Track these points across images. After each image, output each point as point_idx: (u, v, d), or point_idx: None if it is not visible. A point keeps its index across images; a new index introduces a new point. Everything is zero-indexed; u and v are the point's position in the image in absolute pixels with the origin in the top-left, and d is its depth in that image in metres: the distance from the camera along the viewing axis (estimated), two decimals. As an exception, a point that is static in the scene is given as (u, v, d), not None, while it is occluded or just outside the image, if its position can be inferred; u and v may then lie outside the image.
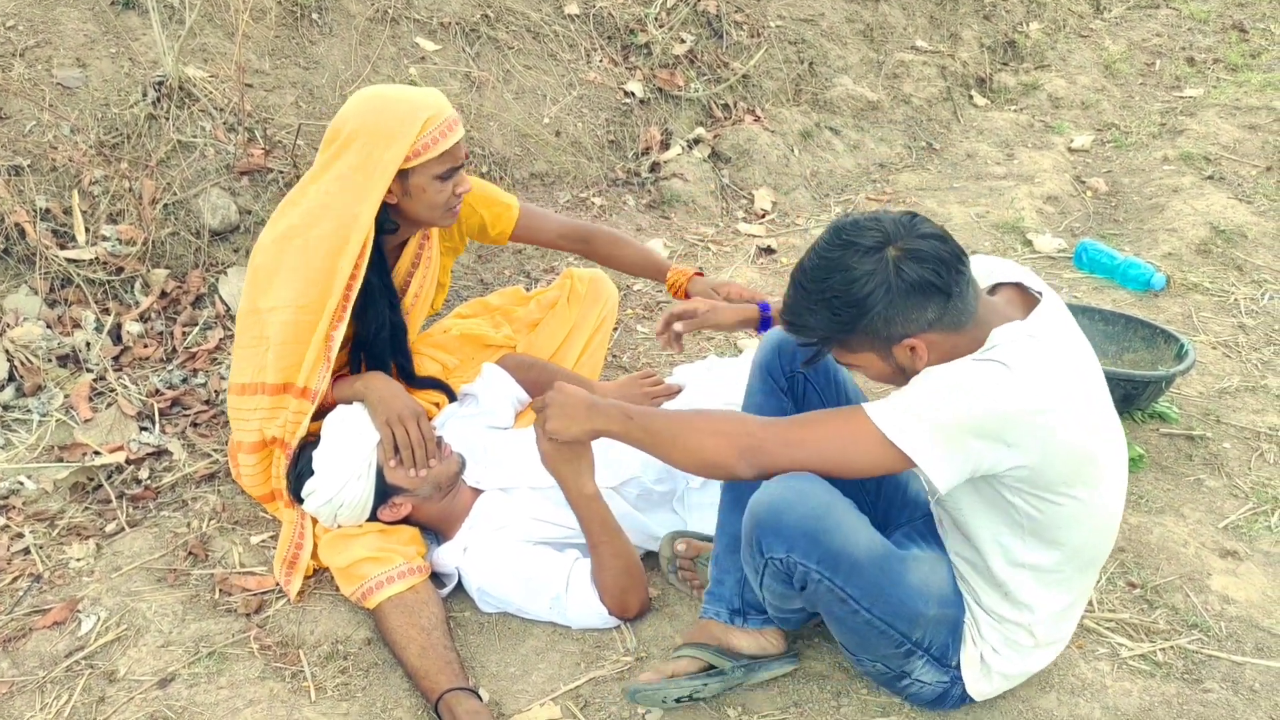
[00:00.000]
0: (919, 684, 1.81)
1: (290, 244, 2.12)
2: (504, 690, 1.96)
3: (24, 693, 1.86)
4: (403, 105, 2.08)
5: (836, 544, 1.65)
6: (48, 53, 3.04)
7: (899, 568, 1.71)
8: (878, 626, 1.71)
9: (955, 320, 1.58)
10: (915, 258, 1.54)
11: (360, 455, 2.08)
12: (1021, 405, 1.54)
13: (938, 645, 1.77)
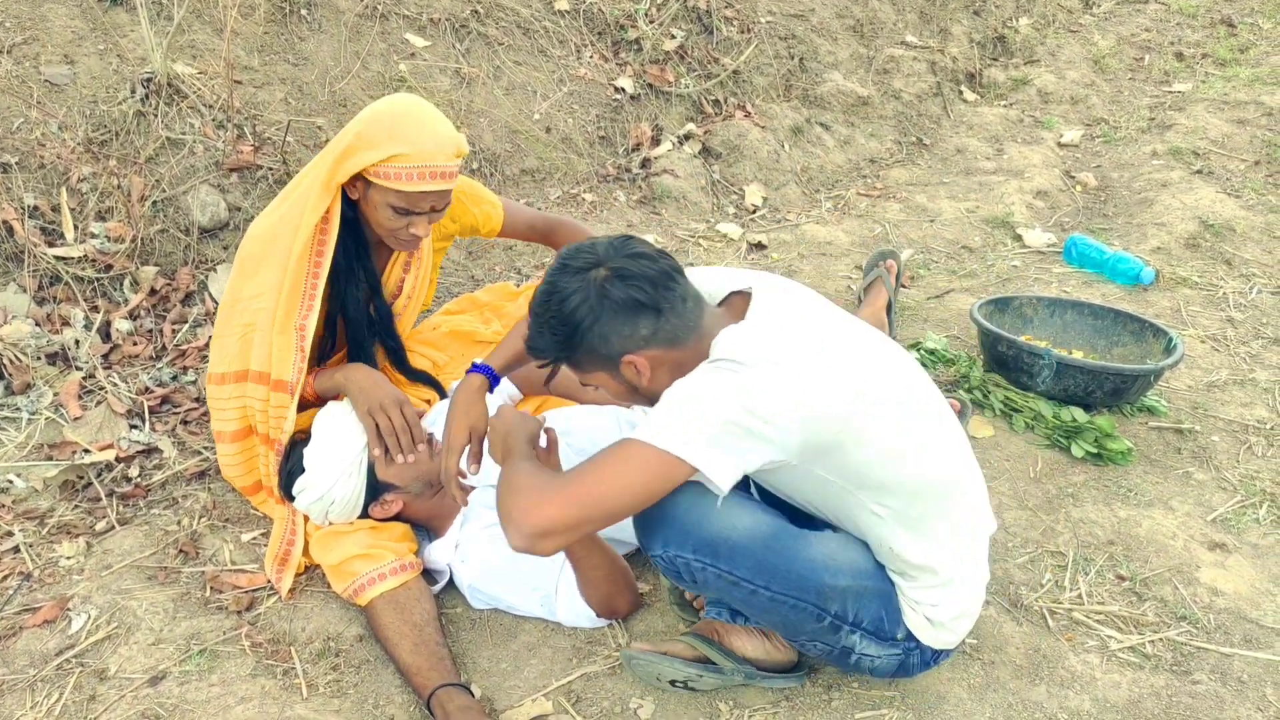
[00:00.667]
0: (869, 658, 1.80)
1: (280, 231, 2.12)
2: (496, 686, 1.96)
3: (14, 691, 1.85)
4: (402, 127, 2.04)
5: (710, 531, 1.67)
6: (35, 49, 3.03)
7: (793, 544, 1.71)
8: (786, 602, 1.71)
9: (672, 335, 1.64)
10: (621, 276, 1.61)
11: (351, 452, 2.08)
12: (764, 395, 1.55)
13: (870, 619, 1.75)
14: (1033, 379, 2.85)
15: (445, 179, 2.07)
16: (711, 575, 1.70)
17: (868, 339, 1.75)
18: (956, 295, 3.65)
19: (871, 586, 1.75)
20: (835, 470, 1.64)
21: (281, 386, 2.13)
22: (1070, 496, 2.55)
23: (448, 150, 2.05)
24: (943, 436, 1.74)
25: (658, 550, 1.72)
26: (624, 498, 1.59)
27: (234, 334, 2.15)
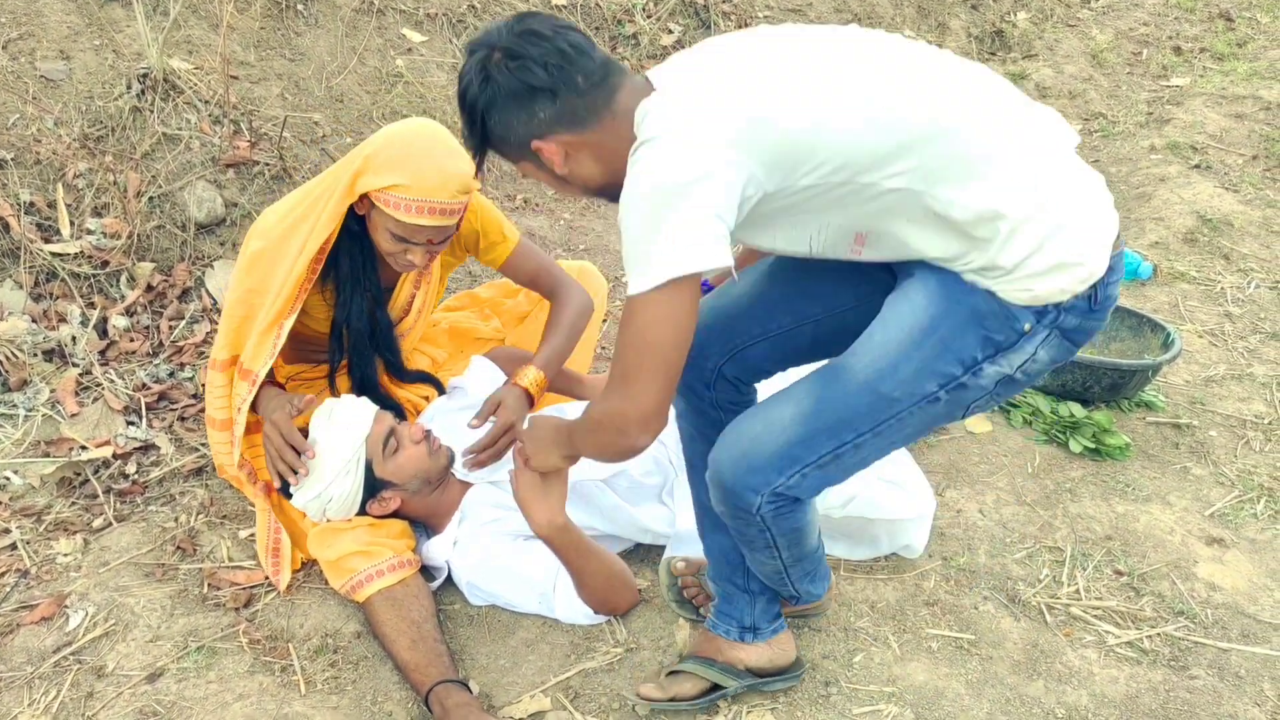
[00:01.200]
0: (1025, 368, 1.57)
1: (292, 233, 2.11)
2: (494, 682, 1.96)
3: (12, 689, 1.85)
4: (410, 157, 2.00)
5: (774, 447, 1.59)
6: (31, 45, 3.02)
7: (830, 389, 1.59)
8: (886, 430, 1.59)
9: (575, 117, 1.51)
10: (510, 56, 1.49)
11: (348, 450, 2.08)
12: (673, 158, 1.41)
13: (979, 344, 1.54)
14: (1030, 374, 2.85)
15: (445, 215, 2.03)
16: (813, 475, 1.60)
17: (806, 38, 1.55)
18: (954, 290, 3.64)
19: (947, 323, 1.54)
20: (815, 170, 1.45)
21: (246, 375, 2.12)
22: (1068, 492, 2.55)
23: (451, 187, 2.01)
24: (916, 89, 1.49)
25: (756, 500, 1.62)
26: (667, 341, 1.46)
27: (233, 325, 2.15)
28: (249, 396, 2.11)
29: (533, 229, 3.59)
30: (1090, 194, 1.54)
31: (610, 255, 3.63)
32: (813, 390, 1.61)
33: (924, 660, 2.03)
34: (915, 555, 2.29)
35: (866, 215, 1.51)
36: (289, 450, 2.07)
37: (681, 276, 1.41)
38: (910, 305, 1.57)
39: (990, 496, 2.51)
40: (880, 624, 2.11)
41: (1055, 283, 1.48)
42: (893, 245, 1.55)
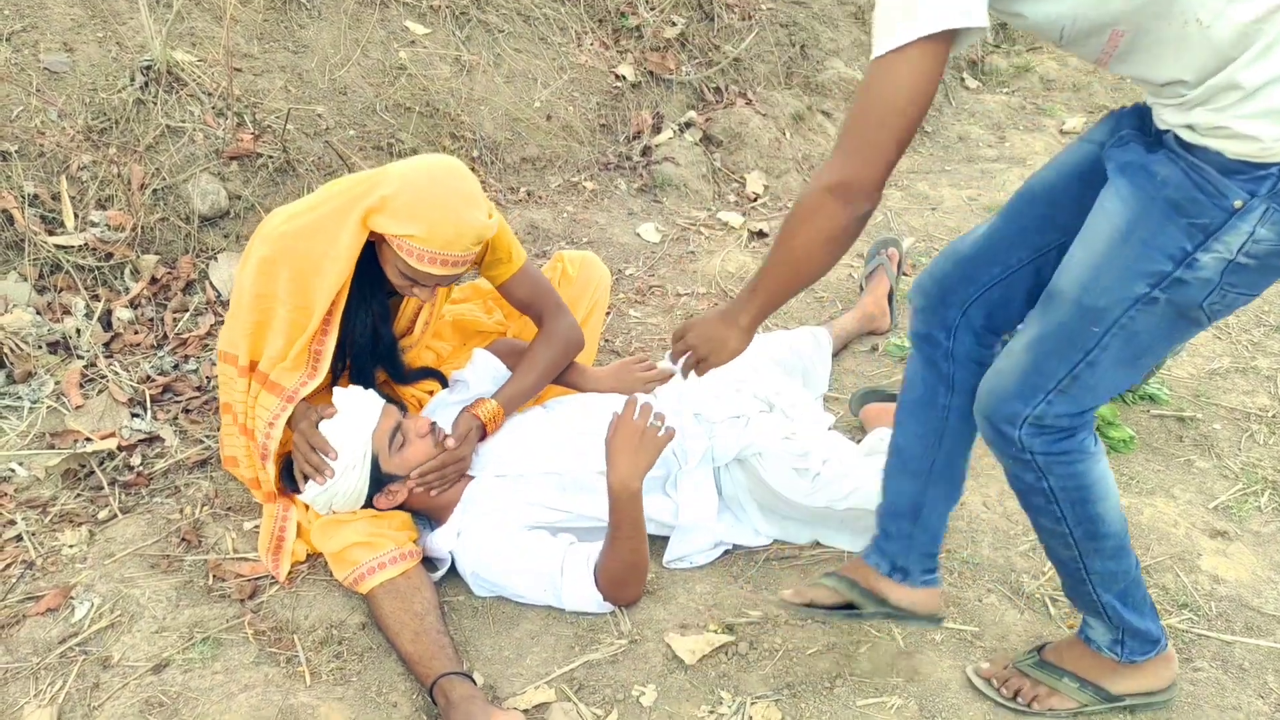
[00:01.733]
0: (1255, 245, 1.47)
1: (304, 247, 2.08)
2: (498, 674, 1.96)
3: (18, 679, 1.86)
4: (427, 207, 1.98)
5: (1013, 382, 1.61)
6: (34, 37, 3.02)
7: (1052, 313, 1.59)
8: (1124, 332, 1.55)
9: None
10: None
11: (356, 445, 2.08)
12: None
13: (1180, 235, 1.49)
14: (1034, 367, 2.85)
15: (455, 266, 2.03)
16: (1058, 401, 1.59)
17: None
18: (958, 283, 3.64)
19: (1144, 223, 1.51)
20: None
21: (277, 389, 2.12)
22: (1072, 484, 2.55)
23: (466, 240, 2.00)
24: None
25: (1017, 435, 1.62)
26: (902, 105, 1.44)
27: (244, 329, 2.13)
28: (282, 415, 2.10)
29: (535, 221, 3.59)
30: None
31: (613, 248, 3.63)
32: (1035, 318, 1.63)
33: (928, 652, 2.03)
34: (919, 548, 2.29)
35: (1131, 8, 1.42)
36: (314, 454, 2.08)
37: (932, 34, 1.37)
38: (1105, 215, 1.55)
39: (994, 489, 2.51)
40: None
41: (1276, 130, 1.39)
42: (1142, 58, 1.47)
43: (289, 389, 2.11)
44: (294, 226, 2.10)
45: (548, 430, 2.33)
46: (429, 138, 3.57)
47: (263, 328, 2.13)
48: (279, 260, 2.09)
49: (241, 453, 2.24)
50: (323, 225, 2.06)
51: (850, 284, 3.55)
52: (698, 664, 1.98)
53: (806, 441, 2.37)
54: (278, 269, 2.09)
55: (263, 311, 2.12)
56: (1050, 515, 1.72)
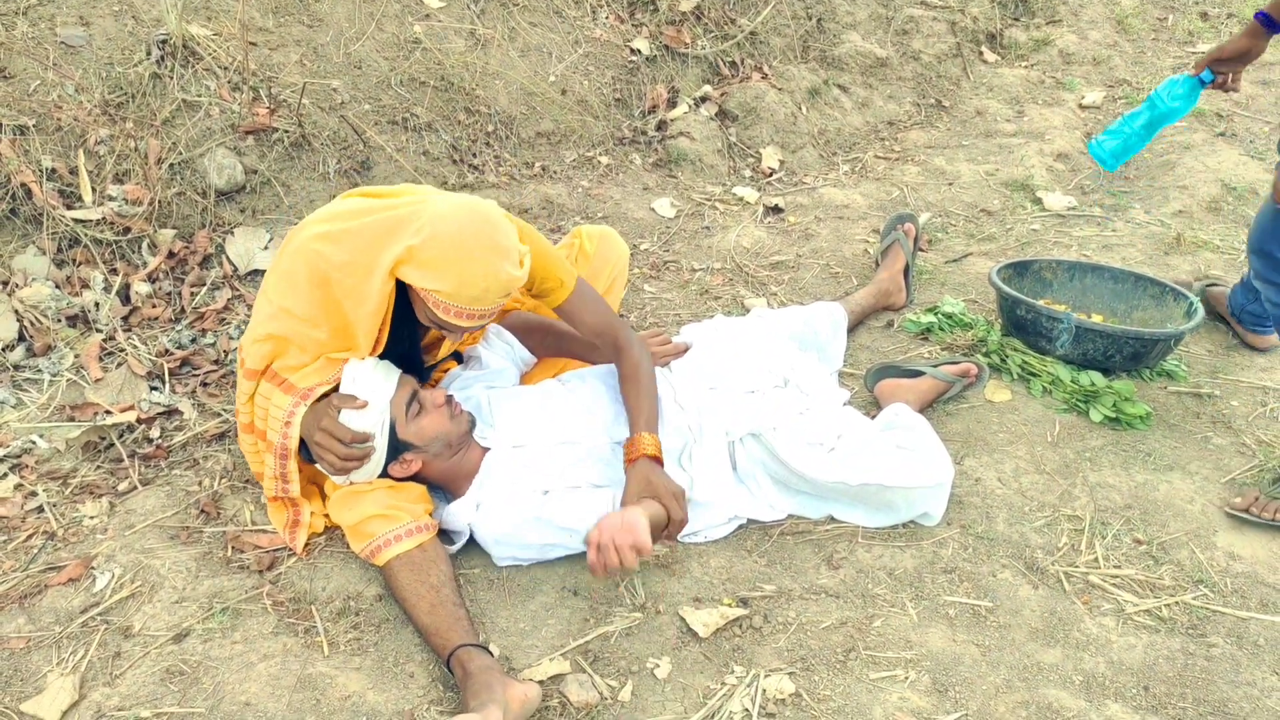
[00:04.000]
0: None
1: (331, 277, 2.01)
2: (513, 645, 1.98)
3: (41, 648, 1.89)
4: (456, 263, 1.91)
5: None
6: (51, 10, 3.02)
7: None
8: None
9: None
10: None
11: (374, 413, 2.09)
12: None
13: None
14: (1051, 343, 2.84)
15: (483, 319, 2.00)
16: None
17: None
18: (975, 259, 3.62)
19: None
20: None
21: (291, 389, 2.07)
22: (1088, 460, 2.55)
23: (493, 295, 1.94)
24: None
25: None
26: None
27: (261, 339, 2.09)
28: (297, 412, 2.05)
29: (550, 196, 3.59)
30: None
31: (629, 223, 3.62)
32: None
33: (942, 627, 2.03)
34: (933, 523, 2.29)
35: None
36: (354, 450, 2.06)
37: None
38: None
39: (1009, 465, 2.51)
40: (898, 591, 2.12)
41: None
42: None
43: (303, 388, 2.07)
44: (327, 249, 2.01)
45: (563, 402, 2.34)
46: (444, 112, 3.56)
47: (284, 344, 2.07)
48: (311, 278, 2.02)
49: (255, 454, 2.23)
50: (355, 260, 1.99)
51: (866, 260, 3.54)
52: (711, 637, 1.99)
53: (821, 417, 2.38)
54: (308, 286, 2.02)
55: (283, 324, 2.06)
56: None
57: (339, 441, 2.05)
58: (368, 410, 2.07)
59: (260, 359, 2.10)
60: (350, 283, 2.00)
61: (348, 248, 1.99)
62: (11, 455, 2.31)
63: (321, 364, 2.09)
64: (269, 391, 2.09)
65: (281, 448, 2.08)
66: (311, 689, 1.83)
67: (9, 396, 2.45)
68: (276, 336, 2.07)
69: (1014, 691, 1.89)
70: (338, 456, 2.06)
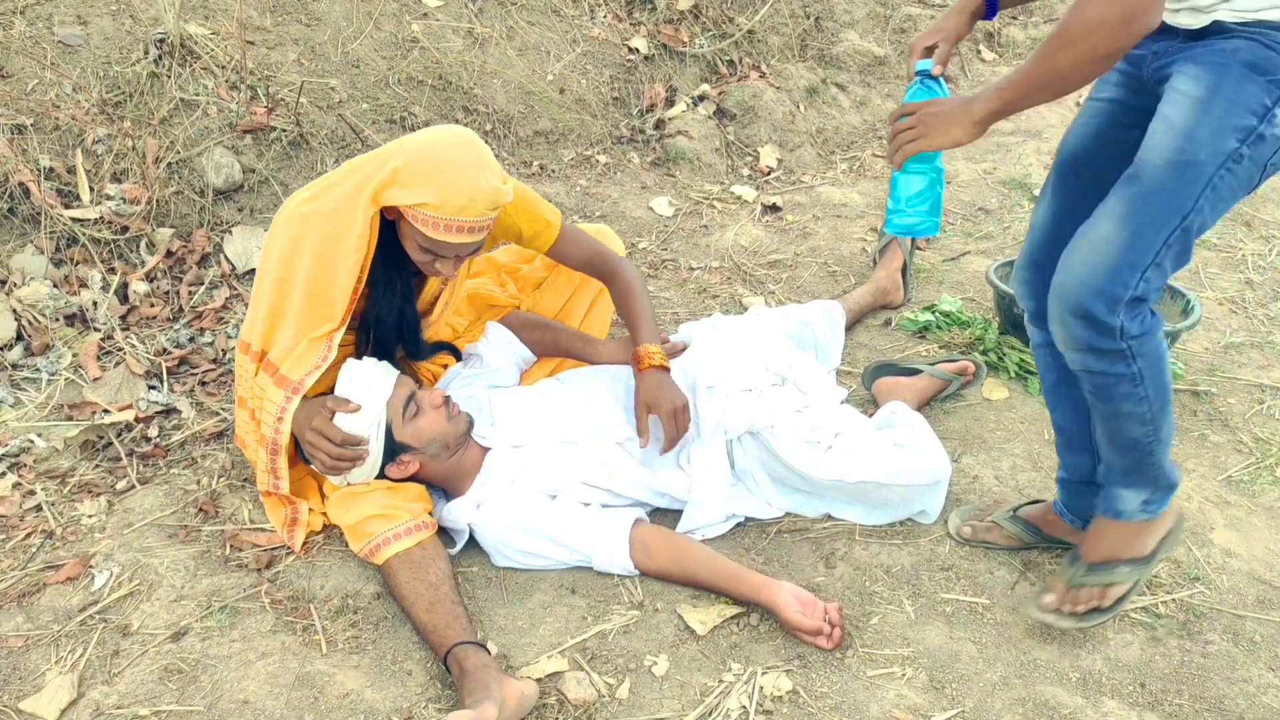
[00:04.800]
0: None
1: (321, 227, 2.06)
2: (511, 644, 1.98)
3: (39, 646, 1.89)
4: (439, 175, 1.96)
5: (1111, 260, 1.57)
6: (48, 10, 3.02)
7: (1135, 187, 1.58)
8: (1215, 193, 1.57)
9: None
10: None
11: (369, 414, 2.09)
12: None
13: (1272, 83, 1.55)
14: (1048, 341, 2.84)
15: (473, 233, 2.01)
16: (1154, 275, 1.58)
17: None
18: (972, 257, 3.63)
19: (1226, 84, 1.57)
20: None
21: (284, 383, 2.08)
22: (1085, 458, 2.55)
23: (480, 205, 1.98)
24: None
25: (1119, 323, 1.60)
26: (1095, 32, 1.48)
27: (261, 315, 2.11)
28: (289, 407, 2.05)
29: (548, 195, 3.59)
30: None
31: (626, 221, 3.63)
32: (1119, 197, 1.61)
33: (939, 624, 2.04)
34: (930, 520, 2.29)
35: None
36: (345, 451, 2.07)
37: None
38: (1179, 94, 1.58)
39: (1007, 463, 2.51)
40: (895, 588, 2.13)
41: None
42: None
43: (295, 380, 2.07)
44: (311, 208, 2.08)
45: (562, 400, 2.34)
46: (442, 111, 3.56)
47: (277, 314, 2.10)
48: (300, 240, 2.06)
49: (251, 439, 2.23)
50: (340, 206, 2.04)
51: (864, 258, 3.54)
52: (709, 634, 2.00)
53: (819, 415, 2.38)
54: (299, 251, 2.06)
55: (280, 296, 2.09)
56: (1134, 398, 1.70)
57: (329, 442, 2.06)
58: (361, 413, 2.08)
59: (259, 338, 2.12)
60: (337, 228, 2.03)
61: (335, 196, 2.05)
62: (10, 454, 2.32)
63: (305, 347, 2.08)
64: (265, 384, 2.10)
65: (272, 443, 2.08)
66: (309, 687, 1.83)
67: (7, 395, 2.45)
68: (271, 307, 2.10)
69: (1011, 688, 1.90)
70: (328, 456, 2.07)
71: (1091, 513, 1.97)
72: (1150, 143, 1.59)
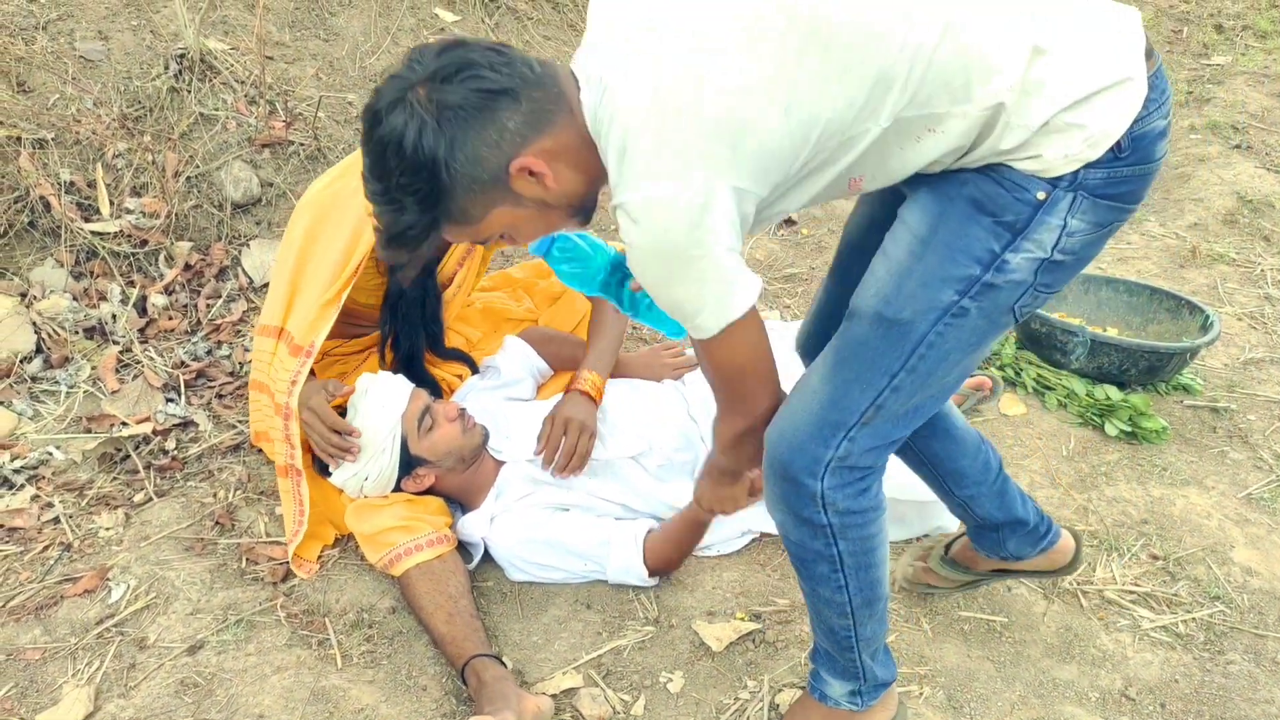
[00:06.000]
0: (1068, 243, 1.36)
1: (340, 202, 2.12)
2: (527, 659, 1.98)
3: (56, 659, 1.89)
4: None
5: (811, 422, 1.43)
6: (70, 25, 3.05)
7: (844, 341, 1.45)
8: (921, 364, 1.41)
9: (545, 116, 1.29)
10: (444, 80, 1.25)
11: (385, 427, 2.10)
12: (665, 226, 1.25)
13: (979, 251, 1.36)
14: (1066, 356, 2.83)
15: None
16: (861, 438, 1.43)
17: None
18: (989, 272, 3.61)
19: (946, 225, 1.37)
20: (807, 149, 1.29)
21: (297, 351, 2.11)
22: (1103, 475, 2.53)
23: None
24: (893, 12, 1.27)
25: (818, 485, 1.44)
26: (757, 363, 1.41)
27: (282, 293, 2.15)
28: (303, 370, 2.08)
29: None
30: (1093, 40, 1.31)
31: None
32: (831, 347, 1.47)
33: (956, 642, 2.02)
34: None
35: (859, 159, 1.34)
36: (334, 434, 2.09)
37: (731, 321, 1.33)
38: (904, 226, 1.42)
39: (1024, 479, 2.50)
40: (912, 605, 2.11)
41: (1059, 149, 1.29)
42: (889, 173, 1.39)
43: (307, 346, 2.10)
44: (336, 188, 2.13)
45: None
46: (458, 125, 3.58)
47: (296, 290, 2.15)
48: (323, 220, 2.12)
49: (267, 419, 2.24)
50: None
51: (879, 272, 3.54)
52: (725, 651, 1.99)
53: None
54: (322, 228, 2.12)
55: (299, 274, 2.14)
56: (832, 584, 1.56)
57: (322, 423, 2.09)
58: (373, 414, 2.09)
59: (279, 315, 2.15)
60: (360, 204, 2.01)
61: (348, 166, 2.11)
62: (29, 466, 2.33)
63: (317, 313, 2.11)
64: (282, 354, 2.14)
65: (286, 407, 2.10)
66: (325, 702, 1.83)
67: (26, 408, 2.47)
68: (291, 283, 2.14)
69: (1029, 708, 1.88)
70: (320, 438, 2.10)
71: (1006, 550, 1.86)
72: (866, 283, 1.43)
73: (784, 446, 1.46)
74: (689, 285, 1.29)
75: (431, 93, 1.25)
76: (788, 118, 1.25)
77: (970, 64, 1.27)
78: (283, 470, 2.17)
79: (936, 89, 1.27)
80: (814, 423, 1.44)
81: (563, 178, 1.33)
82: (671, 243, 1.25)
